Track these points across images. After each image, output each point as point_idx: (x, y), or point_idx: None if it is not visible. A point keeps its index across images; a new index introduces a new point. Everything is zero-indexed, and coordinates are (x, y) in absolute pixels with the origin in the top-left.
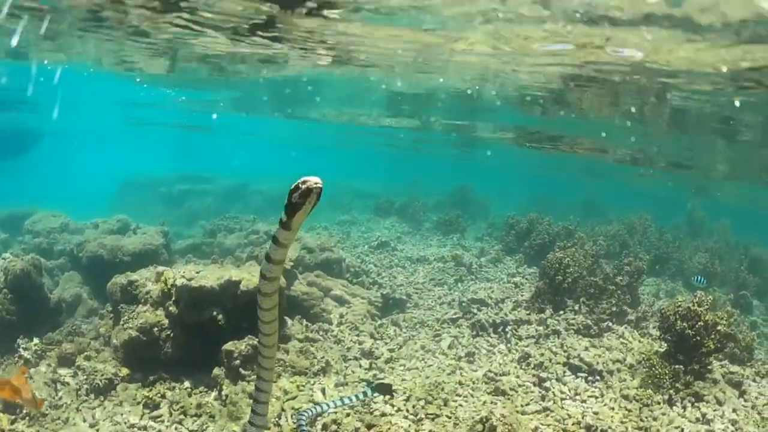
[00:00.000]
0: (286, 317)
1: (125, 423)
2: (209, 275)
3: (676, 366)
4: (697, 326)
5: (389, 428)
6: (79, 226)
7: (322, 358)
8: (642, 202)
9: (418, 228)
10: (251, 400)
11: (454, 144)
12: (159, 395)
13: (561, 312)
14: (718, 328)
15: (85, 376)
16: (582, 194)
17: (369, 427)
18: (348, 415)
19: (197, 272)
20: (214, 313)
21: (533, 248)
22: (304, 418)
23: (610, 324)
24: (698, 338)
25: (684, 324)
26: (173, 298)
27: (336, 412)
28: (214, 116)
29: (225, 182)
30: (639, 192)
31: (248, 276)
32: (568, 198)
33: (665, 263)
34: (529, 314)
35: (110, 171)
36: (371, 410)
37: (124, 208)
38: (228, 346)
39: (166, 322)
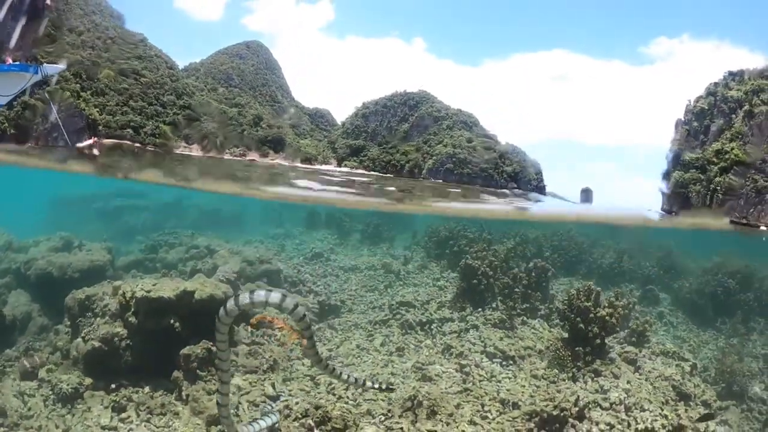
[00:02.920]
0: (233, 326)
1: (96, 425)
2: (165, 287)
3: (577, 348)
4: (588, 318)
5: (333, 408)
6: (23, 244)
7: (270, 357)
8: None
9: (347, 238)
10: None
11: None
12: (125, 398)
13: (480, 309)
14: (606, 318)
15: (50, 388)
16: None
17: (317, 407)
18: (297, 403)
19: (154, 285)
20: (172, 320)
21: (453, 254)
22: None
23: (525, 318)
24: (589, 327)
25: (578, 318)
26: (132, 310)
27: (287, 399)
28: None
29: (159, 197)
30: None
31: (200, 287)
32: None
33: (577, 264)
34: (451, 313)
35: (41, 188)
36: (318, 397)
37: (59, 224)
38: (185, 350)
39: (125, 332)
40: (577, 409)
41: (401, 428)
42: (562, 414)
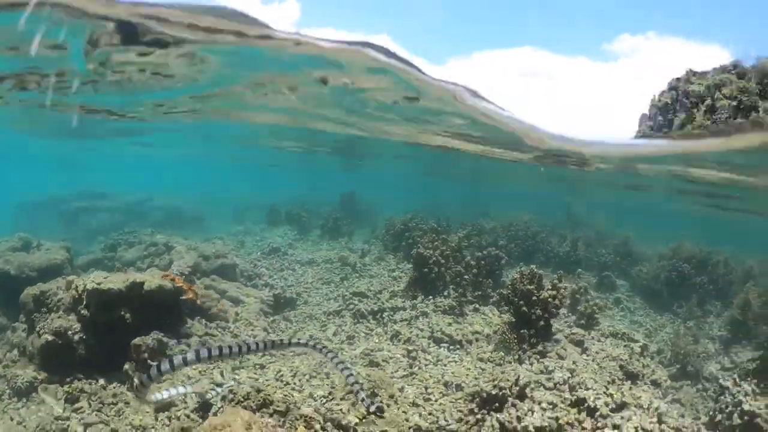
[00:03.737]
0: (187, 318)
1: (50, 416)
2: (116, 279)
3: (522, 331)
4: (531, 301)
5: (275, 392)
6: None
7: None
8: (526, 202)
9: (308, 234)
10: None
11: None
12: (78, 390)
13: (431, 297)
14: (549, 300)
15: (6, 383)
16: (470, 197)
17: (258, 391)
18: (241, 384)
19: (105, 277)
20: (122, 312)
21: (409, 246)
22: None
23: (477, 306)
24: (532, 309)
25: (521, 301)
26: (84, 303)
27: (232, 385)
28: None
29: (124, 198)
30: (524, 192)
31: (150, 278)
32: (456, 201)
33: (534, 253)
34: (403, 301)
35: (4, 193)
36: (266, 384)
37: (23, 229)
38: (136, 341)
39: (78, 326)
40: (517, 388)
41: (341, 410)
42: (501, 393)
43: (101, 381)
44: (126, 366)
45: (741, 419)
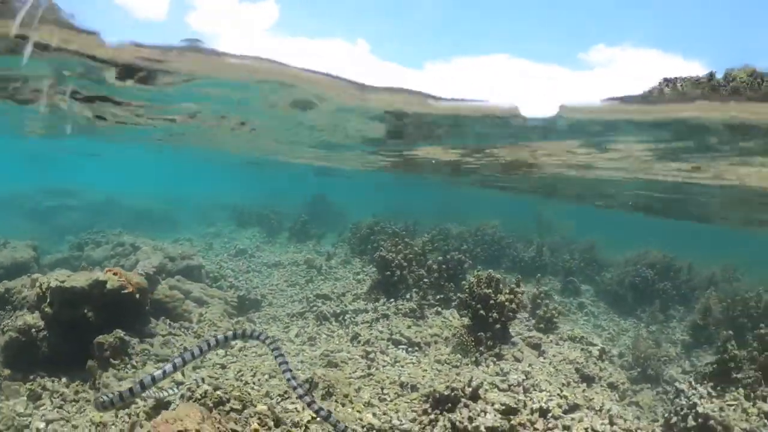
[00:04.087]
0: (151, 318)
1: (12, 413)
2: (79, 277)
3: (479, 334)
4: (488, 304)
5: (232, 389)
6: None
7: (181, 345)
8: (497, 208)
9: (276, 236)
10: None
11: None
12: (41, 387)
13: (392, 300)
14: (506, 304)
15: None
16: (440, 202)
17: (216, 389)
18: (199, 385)
19: (69, 275)
20: (85, 310)
21: (374, 249)
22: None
23: (439, 309)
24: (490, 313)
25: (479, 305)
26: (48, 300)
27: (191, 384)
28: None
29: (92, 197)
30: (495, 199)
31: (113, 276)
32: (428, 205)
33: (500, 258)
34: (366, 304)
35: None
36: (223, 381)
37: None
38: (99, 339)
39: (41, 323)
40: (470, 389)
41: (295, 408)
42: (453, 394)
43: (64, 379)
44: (89, 364)
45: (695, 421)
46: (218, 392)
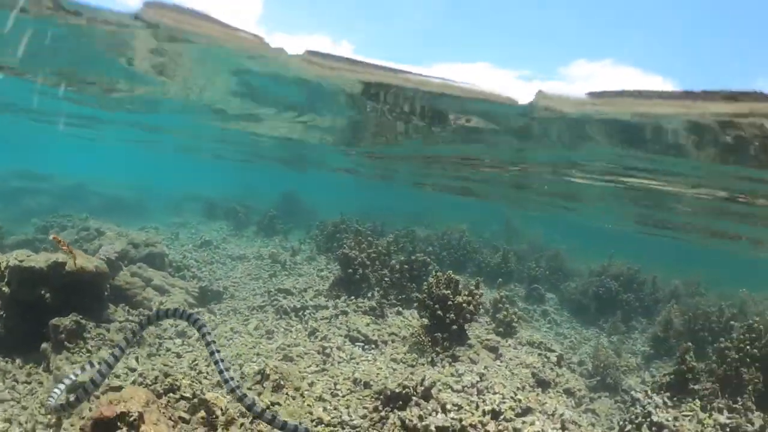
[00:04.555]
0: (110, 304)
1: None
2: (39, 258)
3: (436, 334)
4: (446, 305)
5: (183, 377)
6: None
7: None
8: (467, 213)
9: (244, 230)
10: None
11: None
12: None
13: (353, 298)
14: (463, 305)
15: None
16: (414, 205)
17: (166, 375)
18: (152, 369)
19: (28, 255)
20: (43, 291)
21: (339, 247)
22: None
23: (400, 309)
24: (447, 314)
25: (437, 305)
26: (6, 279)
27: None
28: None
29: (62, 182)
30: (466, 204)
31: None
32: (399, 206)
33: (466, 263)
34: (327, 300)
35: None
36: (177, 369)
37: None
38: (54, 321)
39: None
40: (422, 388)
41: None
42: (405, 392)
43: (18, 360)
44: (43, 346)
45: (650, 430)
46: (169, 379)
